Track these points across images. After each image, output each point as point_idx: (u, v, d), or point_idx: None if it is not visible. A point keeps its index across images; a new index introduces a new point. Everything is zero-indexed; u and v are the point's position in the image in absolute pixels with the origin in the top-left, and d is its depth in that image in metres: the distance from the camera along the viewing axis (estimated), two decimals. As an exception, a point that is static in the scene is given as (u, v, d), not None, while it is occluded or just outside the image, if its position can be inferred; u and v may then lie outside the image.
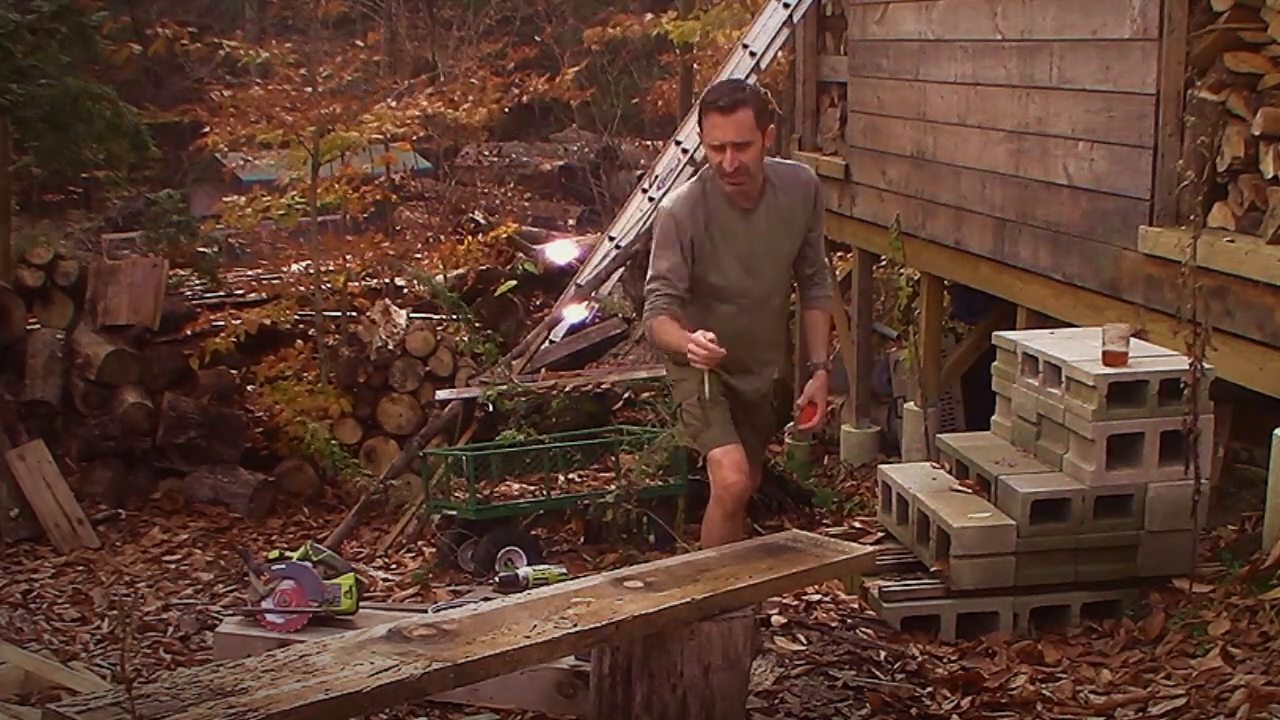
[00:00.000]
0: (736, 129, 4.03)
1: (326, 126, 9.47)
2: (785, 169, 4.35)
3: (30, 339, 8.72)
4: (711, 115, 4.07)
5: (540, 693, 3.82)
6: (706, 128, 4.11)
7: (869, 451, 7.95)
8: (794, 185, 4.25)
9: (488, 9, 15.38)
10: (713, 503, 4.25)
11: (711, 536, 4.25)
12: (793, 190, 4.24)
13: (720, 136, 4.04)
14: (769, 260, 4.25)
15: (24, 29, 8.79)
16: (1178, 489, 4.38)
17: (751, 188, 4.15)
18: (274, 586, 4.15)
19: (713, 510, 4.25)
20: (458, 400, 8.44)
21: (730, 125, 4.03)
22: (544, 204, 14.92)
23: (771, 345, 4.38)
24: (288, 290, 9.78)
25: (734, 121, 4.03)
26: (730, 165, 4.04)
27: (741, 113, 4.04)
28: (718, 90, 4.21)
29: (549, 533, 7.34)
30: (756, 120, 4.06)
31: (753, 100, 4.11)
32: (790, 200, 4.23)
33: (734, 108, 4.04)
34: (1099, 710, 3.75)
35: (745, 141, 4.04)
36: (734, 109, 4.03)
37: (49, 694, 4.55)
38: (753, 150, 4.06)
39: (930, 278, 7.13)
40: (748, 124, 4.05)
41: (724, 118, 4.04)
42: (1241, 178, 4.71)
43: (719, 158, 4.07)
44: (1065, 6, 5.62)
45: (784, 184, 4.22)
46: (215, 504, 8.57)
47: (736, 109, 4.04)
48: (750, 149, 4.05)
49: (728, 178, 4.08)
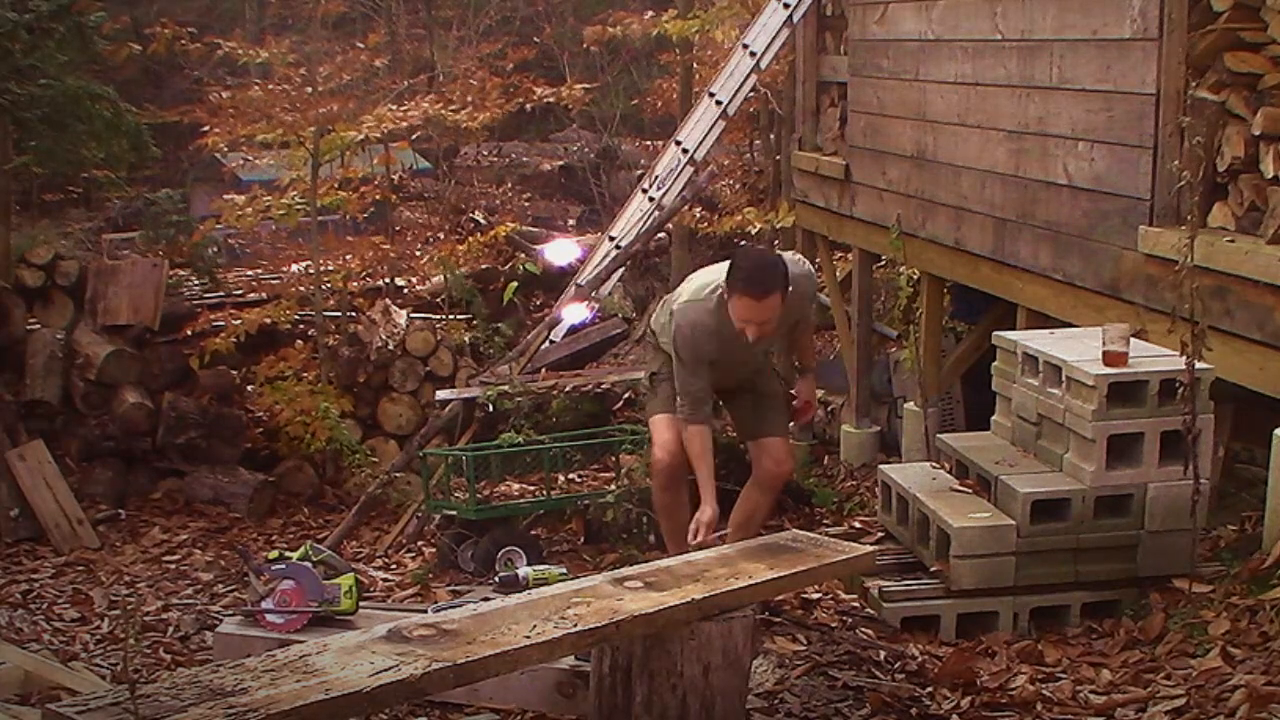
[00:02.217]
0: (765, 311, 4.28)
1: (326, 126, 9.46)
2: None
3: (30, 339, 8.72)
4: (743, 299, 4.27)
5: (540, 693, 3.82)
6: (735, 303, 4.31)
7: (869, 451, 7.95)
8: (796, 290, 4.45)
9: (488, 9, 15.36)
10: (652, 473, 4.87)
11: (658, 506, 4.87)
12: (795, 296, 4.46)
13: (748, 316, 4.29)
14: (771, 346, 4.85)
15: (21, 28, 8.79)
16: (1178, 489, 4.38)
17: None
18: (274, 586, 4.15)
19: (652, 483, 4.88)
20: (458, 400, 8.44)
21: (760, 309, 4.28)
22: (544, 204, 14.91)
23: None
24: (288, 290, 9.77)
25: (764, 306, 4.27)
26: (753, 337, 4.34)
27: (771, 298, 4.27)
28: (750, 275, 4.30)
29: (549, 533, 7.33)
30: (783, 299, 4.31)
31: (782, 284, 4.30)
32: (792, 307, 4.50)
33: (766, 295, 4.25)
34: (1099, 710, 3.75)
35: (769, 320, 4.32)
36: (765, 297, 4.26)
37: (49, 694, 4.55)
38: (774, 324, 4.38)
39: (930, 278, 7.12)
40: (775, 307, 4.30)
41: (756, 302, 4.26)
42: (1241, 178, 4.71)
43: (742, 326, 4.33)
44: (1065, 6, 5.62)
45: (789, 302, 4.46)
46: (215, 504, 8.57)
47: (768, 296, 4.26)
48: (772, 324, 4.36)
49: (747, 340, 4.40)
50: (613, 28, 12.78)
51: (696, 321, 4.50)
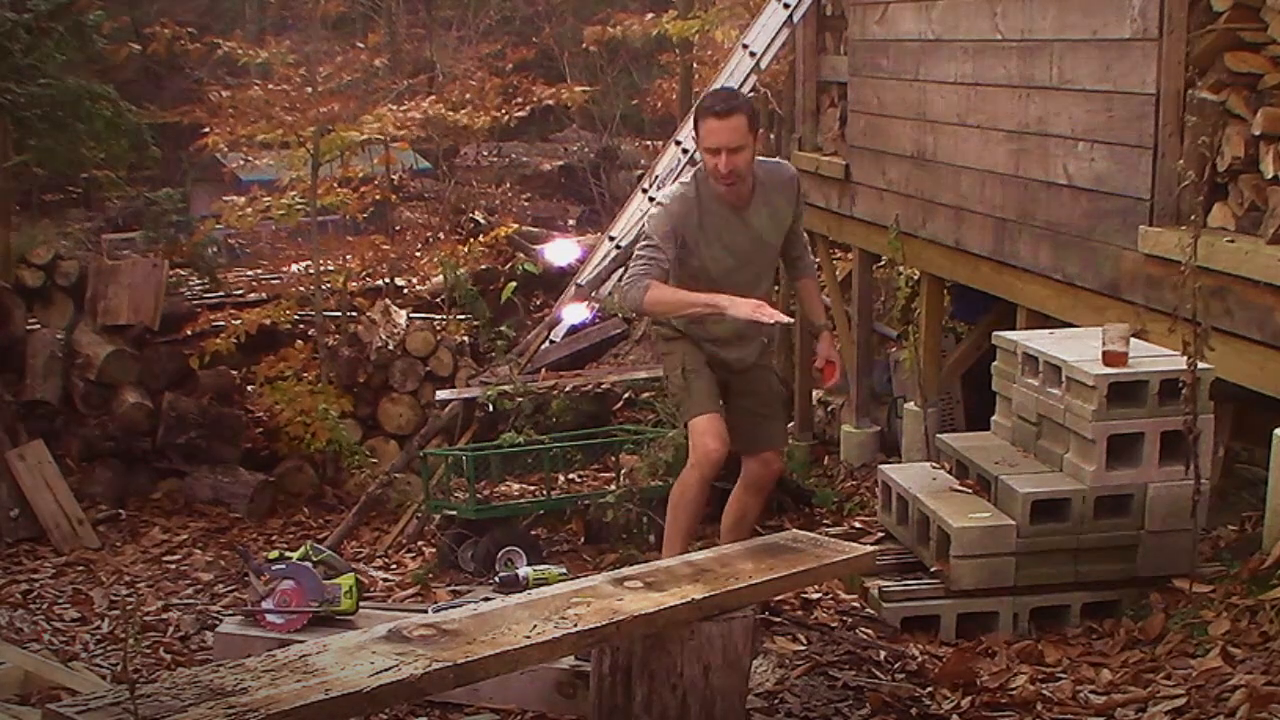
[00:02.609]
0: (731, 134, 4.30)
1: (326, 126, 9.47)
2: (770, 166, 4.64)
3: (30, 339, 8.72)
4: (708, 120, 4.34)
5: (540, 693, 3.82)
6: (703, 132, 4.37)
7: (869, 451, 7.95)
8: (780, 183, 4.60)
9: (488, 9, 15.37)
10: (690, 468, 4.53)
11: (684, 499, 4.54)
12: (778, 186, 4.57)
13: (716, 141, 4.33)
14: (760, 250, 4.58)
15: (21, 28, 8.79)
16: (1178, 489, 4.38)
17: (743, 188, 4.44)
18: (274, 586, 4.15)
19: (689, 475, 4.53)
20: (458, 400, 8.44)
21: (725, 131, 4.30)
22: (544, 204, 14.92)
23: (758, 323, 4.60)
24: (288, 290, 9.78)
25: (729, 127, 4.30)
26: (725, 168, 4.31)
27: (736, 119, 4.31)
28: (714, 97, 4.50)
29: (549, 533, 7.33)
30: (749, 126, 4.33)
31: (746, 108, 4.40)
32: (776, 196, 4.55)
33: (729, 114, 4.31)
34: (1099, 710, 3.75)
35: (739, 146, 4.31)
36: (729, 115, 4.31)
37: (49, 694, 4.55)
38: (745, 155, 4.34)
39: (930, 278, 7.12)
40: (741, 129, 4.32)
41: (720, 123, 4.31)
42: (1241, 178, 4.70)
43: (714, 161, 4.34)
44: (1065, 6, 5.62)
45: (770, 180, 4.54)
46: (215, 504, 8.57)
47: (731, 115, 4.31)
48: (743, 153, 4.33)
49: (722, 179, 4.35)
50: (613, 28, 12.79)
51: (672, 194, 4.46)
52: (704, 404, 4.51)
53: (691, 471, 4.50)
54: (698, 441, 4.46)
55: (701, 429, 4.45)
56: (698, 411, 4.50)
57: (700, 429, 4.46)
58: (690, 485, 4.50)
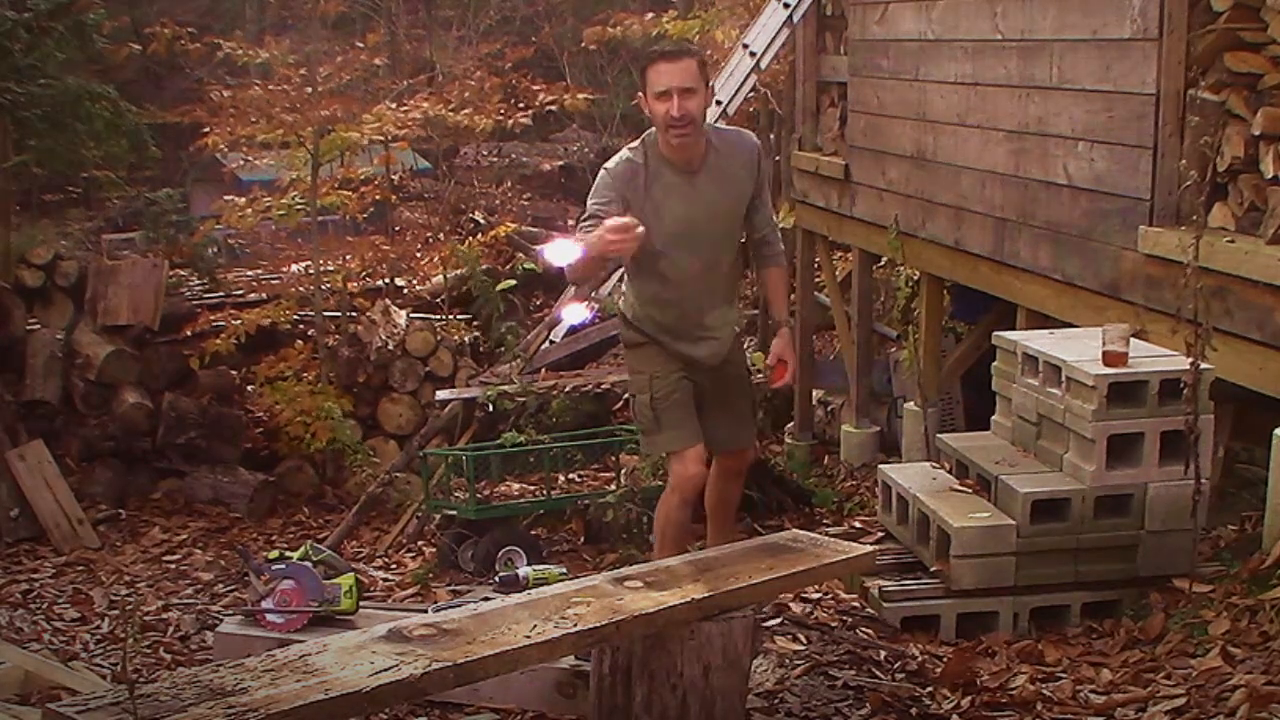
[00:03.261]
0: (683, 75, 4.09)
1: (326, 127, 9.47)
2: (728, 133, 4.42)
3: (30, 339, 8.72)
4: (657, 64, 4.14)
5: (540, 693, 3.82)
6: (651, 77, 4.14)
7: (869, 451, 7.95)
8: (736, 149, 4.31)
9: (487, 9, 15.36)
10: (670, 491, 4.35)
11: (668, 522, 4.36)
12: (735, 153, 4.31)
13: (667, 82, 4.08)
14: (714, 221, 4.30)
15: (20, 27, 8.79)
16: (1178, 489, 4.38)
17: (696, 141, 4.18)
18: (274, 586, 4.15)
19: (670, 499, 4.35)
20: (458, 400, 8.44)
21: (676, 71, 4.09)
22: (544, 204, 14.91)
23: (723, 306, 4.44)
24: (287, 290, 9.78)
25: (680, 68, 4.10)
26: (678, 111, 4.07)
27: (687, 61, 4.13)
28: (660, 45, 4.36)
29: (549, 533, 7.34)
30: (700, 72, 4.14)
31: (697, 54, 4.22)
32: (732, 164, 4.30)
33: (679, 56, 4.14)
34: (1099, 710, 3.75)
35: (690, 88, 4.09)
36: (679, 57, 4.13)
37: (49, 694, 4.55)
38: (697, 100, 4.11)
39: (930, 278, 7.12)
40: (693, 72, 4.11)
41: (670, 64, 4.11)
42: (1241, 178, 4.70)
43: (664, 106, 4.09)
44: (1065, 6, 5.62)
45: (726, 148, 4.30)
46: (215, 504, 8.58)
47: (682, 57, 4.13)
48: (695, 97, 4.10)
49: (674, 127, 4.10)
50: (613, 28, 12.78)
51: (619, 158, 4.23)
52: (681, 437, 4.32)
53: (672, 495, 4.34)
54: (677, 468, 4.32)
55: (680, 455, 4.32)
56: (676, 446, 4.33)
57: (677, 455, 4.33)
58: (673, 508, 4.33)
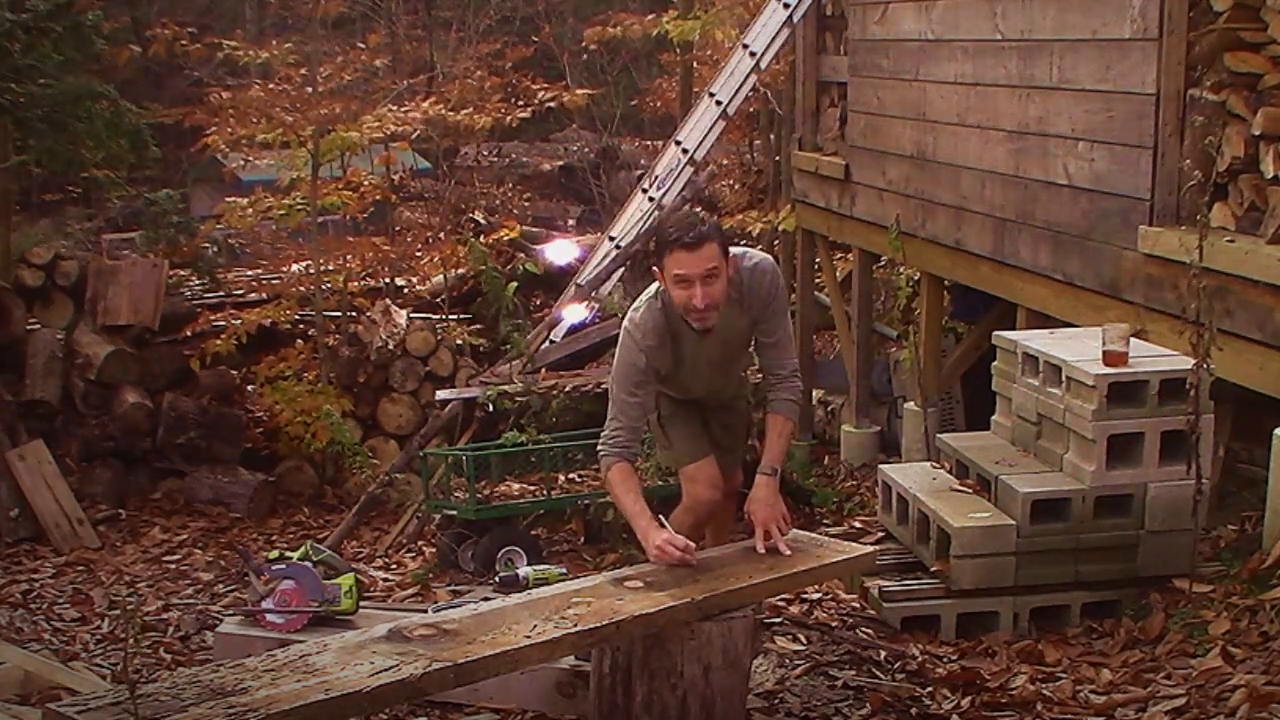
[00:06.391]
0: (704, 261, 3.79)
1: (326, 127, 9.47)
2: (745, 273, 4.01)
3: (30, 339, 8.72)
4: (676, 253, 3.80)
5: (540, 693, 3.82)
6: (669, 264, 3.83)
7: (869, 451, 7.96)
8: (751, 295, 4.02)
9: (487, 9, 15.36)
10: (683, 510, 4.22)
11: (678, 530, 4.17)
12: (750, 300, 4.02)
13: (688, 270, 3.79)
14: (726, 367, 4.19)
15: (20, 28, 8.79)
16: (1178, 489, 4.38)
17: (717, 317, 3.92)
18: (274, 586, 4.15)
19: (682, 517, 4.20)
20: (458, 400, 8.44)
21: (698, 260, 3.78)
22: (544, 204, 14.92)
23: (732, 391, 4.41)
24: (288, 290, 9.79)
25: (701, 256, 3.78)
26: (703, 302, 3.80)
27: (708, 247, 3.79)
28: (678, 225, 3.88)
29: (549, 533, 7.34)
30: (722, 250, 3.84)
31: (715, 232, 3.86)
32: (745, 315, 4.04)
33: (700, 244, 3.79)
34: (1099, 710, 3.75)
35: (713, 271, 3.81)
36: (700, 245, 3.78)
37: (49, 694, 4.55)
38: (720, 283, 3.84)
39: (930, 278, 7.13)
40: (714, 255, 3.81)
41: (690, 254, 3.78)
42: (1241, 178, 4.70)
43: (686, 294, 3.81)
44: (1065, 6, 5.62)
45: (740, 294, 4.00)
46: (215, 504, 8.58)
47: (703, 244, 3.79)
48: (718, 281, 3.83)
49: (697, 316, 3.85)
50: (613, 28, 12.79)
51: (644, 325, 3.94)
52: (691, 451, 4.21)
53: (685, 515, 4.20)
54: (690, 489, 4.20)
55: (692, 475, 4.19)
56: (686, 460, 4.22)
57: (690, 475, 4.19)
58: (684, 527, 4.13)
